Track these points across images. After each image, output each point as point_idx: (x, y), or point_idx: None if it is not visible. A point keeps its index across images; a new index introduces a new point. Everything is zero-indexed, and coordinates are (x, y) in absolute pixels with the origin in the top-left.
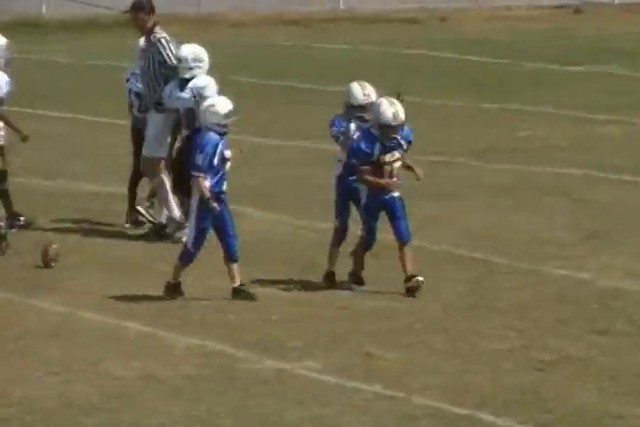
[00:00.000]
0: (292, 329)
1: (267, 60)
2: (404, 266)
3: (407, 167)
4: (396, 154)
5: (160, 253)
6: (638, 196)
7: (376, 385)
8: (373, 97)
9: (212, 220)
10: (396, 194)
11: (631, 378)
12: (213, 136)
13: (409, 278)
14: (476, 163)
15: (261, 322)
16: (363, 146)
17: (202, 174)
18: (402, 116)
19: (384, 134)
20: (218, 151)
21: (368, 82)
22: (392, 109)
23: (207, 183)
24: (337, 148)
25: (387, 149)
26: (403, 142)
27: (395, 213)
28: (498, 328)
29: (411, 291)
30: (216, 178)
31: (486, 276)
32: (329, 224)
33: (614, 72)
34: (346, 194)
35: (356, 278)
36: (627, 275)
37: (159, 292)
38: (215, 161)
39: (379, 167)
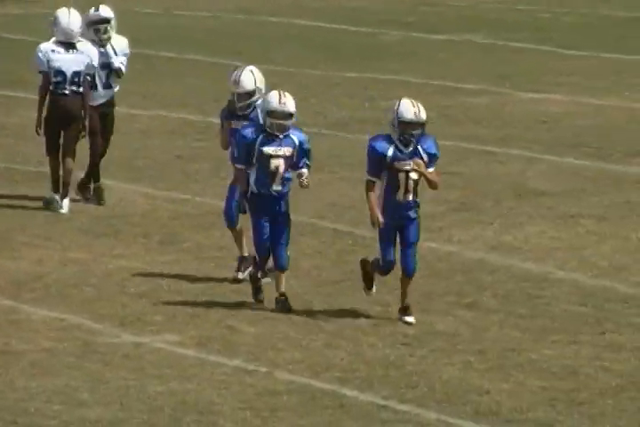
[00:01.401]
0: (151, 303)
1: (126, 27)
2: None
3: (428, 182)
4: (414, 164)
5: (20, 223)
6: (505, 168)
7: (237, 359)
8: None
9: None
10: (412, 215)
11: (497, 353)
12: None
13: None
14: (339, 134)
15: (120, 295)
16: (377, 144)
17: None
18: (423, 115)
19: (402, 132)
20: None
21: (230, 51)
22: (413, 108)
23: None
24: None
25: (403, 154)
26: (421, 151)
27: (407, 239)
28: (362, 302)
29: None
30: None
31: (351, 249)
32: (188, 195)
33: (480, 41)
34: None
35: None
36: (493, 248)
37: (17, 264)
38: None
39: (394, 174)
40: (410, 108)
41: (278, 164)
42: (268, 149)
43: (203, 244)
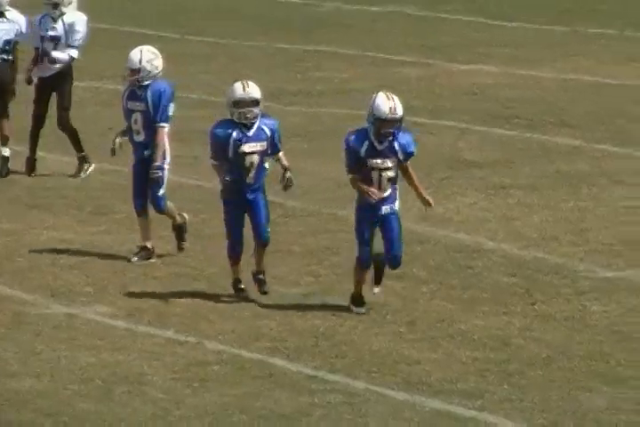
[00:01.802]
0: (83, 274)
1: None
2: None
3: (417, 193)
4: (389, 162)
5: None
6: (436, 139)
7: (167, 331)
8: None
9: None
10: (391, 208)
11: (427, 323)
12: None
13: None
14: (271, 104)
15: (51, 267)
16: (351, 140)
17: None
18: (399, 111)
19: (377, 129)
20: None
21: (164, 23)
22: (389, 103)
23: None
24: None
25: (377, 152)
26: (397, 147)
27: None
28: (294, 273)
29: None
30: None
31: (282, 220)
32: (118, 166)
33: (413, 13)
34: None
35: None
36: (423, 218)
37: None
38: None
39: (367, 172)
40: (385, 104)
41: (253, 160)
42: (243, 148)
43: (134, 215)
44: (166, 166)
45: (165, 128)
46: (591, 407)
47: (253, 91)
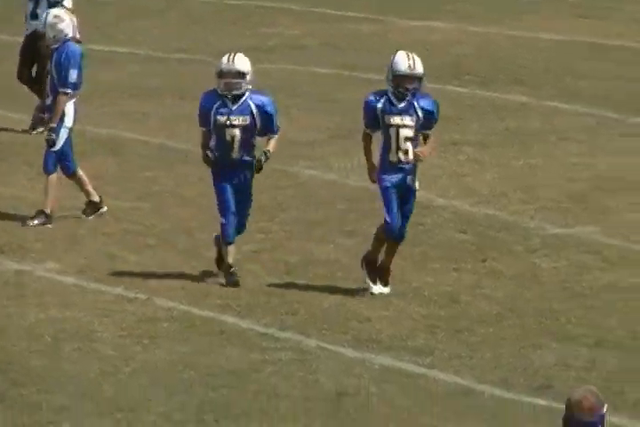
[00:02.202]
0: (33, 230)
1: None
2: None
3: (427, 147)
4: (407, 120)
5: None
6: None
7: (117, 287)
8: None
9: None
10: (413, 181)
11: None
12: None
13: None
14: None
15: (1, 223)
16: (369, 98)
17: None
18: (419, 68)
19: (396, 85)
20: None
21: None
22: (408, 61)
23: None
24: None
25: (396, 109)
26: (417, 107)
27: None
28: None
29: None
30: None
31: None
32: None
33: None
34: None
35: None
36: None
37: None
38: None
39: (385, 130)
40: (404, 61)
41: (233, 134)
42: (220, 119)
43: (83, 171)
44: (64, 130)
45: (65, 94)
46: (541, 364)
47: (239, 62)
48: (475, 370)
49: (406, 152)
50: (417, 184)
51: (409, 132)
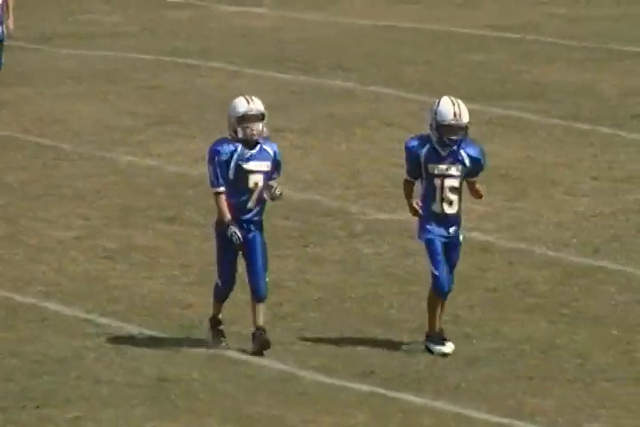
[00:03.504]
0: None
1: None
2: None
3: (476, 193)
4: (453, 170)
5: None
6: (206, 81)
7: None
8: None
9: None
10: (457, 234)
11: (200, 267)
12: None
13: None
14: (41, 47)
15: None
16: (413, 142)
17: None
18: (465, 117)
19: (440, 135)
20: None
21: None
22: (453, 108)
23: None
24: None
25: (440, 157)
26: (464, 155)
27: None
28: (64, 216)
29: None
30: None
31: (53, 163)
32: None
33: None
34: None
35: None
36: (195, 161)
37: None
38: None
39: (430, 179)
40: (449, 109)
41: (257, 180)
42: (248, 165)
43: None
44: None
45: None
46: (364, 350)
47: (259, 104)
48: (297, 356)
49: (451, 203)
50: (461, 237)
51: (454, 182)
